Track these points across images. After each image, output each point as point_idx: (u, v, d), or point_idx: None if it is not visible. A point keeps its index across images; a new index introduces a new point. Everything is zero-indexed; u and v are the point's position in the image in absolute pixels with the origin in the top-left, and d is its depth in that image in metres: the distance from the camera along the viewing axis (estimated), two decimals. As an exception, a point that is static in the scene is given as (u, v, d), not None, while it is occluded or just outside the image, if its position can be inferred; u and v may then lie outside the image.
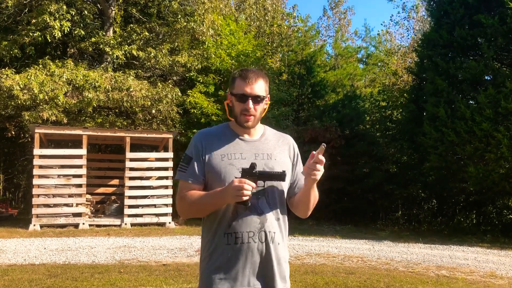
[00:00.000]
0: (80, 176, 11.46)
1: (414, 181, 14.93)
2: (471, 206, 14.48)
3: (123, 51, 13.87)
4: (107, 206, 13.12)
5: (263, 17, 20.16)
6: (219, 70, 15.32)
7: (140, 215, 11.81)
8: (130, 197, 11.77)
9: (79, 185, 11.45)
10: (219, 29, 15.35)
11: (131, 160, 12.00)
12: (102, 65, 14.40)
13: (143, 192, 11.92)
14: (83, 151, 11.62)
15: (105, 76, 13.01)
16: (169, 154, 12.14)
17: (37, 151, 11.26)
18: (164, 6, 15.16)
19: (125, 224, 11.55)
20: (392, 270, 6.91)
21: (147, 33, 14.43)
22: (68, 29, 13.05)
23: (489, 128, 10.66)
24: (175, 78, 16.17)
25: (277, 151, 2.09)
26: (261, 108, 2.04)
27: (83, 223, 11.23)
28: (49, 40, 12.94)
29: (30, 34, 12.85)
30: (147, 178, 12.07)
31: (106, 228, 11.31)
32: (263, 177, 1.91)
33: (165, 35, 15.19)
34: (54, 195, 11.24)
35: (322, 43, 23.42)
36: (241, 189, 1.81)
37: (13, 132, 14.90)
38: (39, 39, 13.00)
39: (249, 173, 1.88)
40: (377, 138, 16.58)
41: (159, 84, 14.14)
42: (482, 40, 11.86)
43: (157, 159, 12.64)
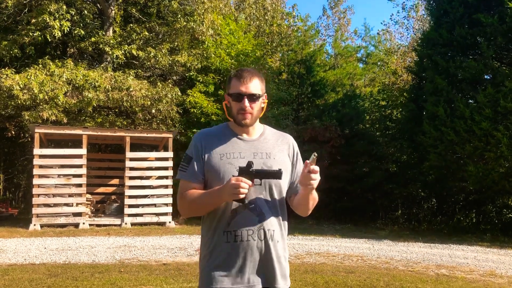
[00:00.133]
0: (80, 175, 11.47)
1: (414, 180, 14.94)
2: (470, 205, 14.49)
3: (123, 51, 13.88)
4: (107, 206, 13.13)
5: (262, 16, 20.18)
6: (219, 70, 15.33)
7: (140, 215, 11.83)
8: (130, 197, 11.79)
9: (79, 185, 11.46)
10: (219, 29, 15.36)
11: (131, 159, 12.02)
12: (102, 65, 14.41)
13: (143, 192, 11.94)
14: (83, 150, 11.63)
15: (105, 76, 13.02)
16: (169, 154, 12.15)
17: (37, 151, 11.27)
18: (163, 6, 15.17)
19: (125, 223, 11.57)
20: (392, 269, 6.92)
21: (146, 33, 14.44)
22: (68, 29, 13.06)
23: (488, 127, 10.67)
24: (175, 78, 16.18)
25: (276, 150, 2.10)
26: (258, 107, 2.06)
27: (83, 223, 11.25)
28: (49, 40, 12.95)
29: (30, 34, 12.85)
30: (147, 178, 12.08)
31: (106, 227, 11.32)
32: (260, 175, 1.94)
33: (164, 34, 15.20)
34: (54, 195, 11.25)
35: (322, 43, 23.38)
36: (237, 187, 1.84)
37: (13, 132, 14.91)
38: (39, 39, 13.01)
39: (246, 171, 1.91)
40: (376, 137, 16.59)
41: (159, 83, 14.15)
42: (481, 39, 11.85)
43: (157, 159, 12.66)
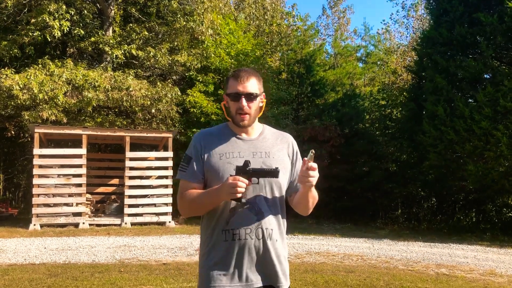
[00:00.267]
0: (80, 175, 11.48)
1: (414, 180, 14.94)
2: (470, 205, 14.50)
3: (122, 51, 13.88)
4: (107, 206, 13.13)
5: (262, 16, 20.17)
6: (218, 69, 15.33)
7: (140, 214, 11.83)
8: (130, 197, 11.79)
9: (79, 185, 11.46)
10: (219, 29, 15.37)
11: (131, 159, 12.02)
12: (102, 65, 14.41)
13: (143, 192, 11.94)
14: (83, 150, 11.63)
15: (104, 76, 13.01)
16: (169, 154, 12.15)
17: (37, 150, 11.27)
18: (163, 6, 15.16)
19: (125, 223, 11.57)
20: (392, 268, 6.92)
21: (146, 33, 14.44)
22: (68, 29, 13.05)
23: (488, 126, 10.67)
24: (174, 78, 16.18)
25: (276, 149, 2.11)
26: (256, 106, 2.06)
27: (83, 223, 11.25)
28: (49, 39, 12.95)
29: (30, 34, 12.85)
30: (147, 177, 12.09)
31: (106, 227, 11.32)
32: (257, 174, 1.94)
33: (164, 34, 15.19)
34: (54, 195, 11.26)
35: (322, 42, 23.37)
36: (235, 186, 1.85)
37: (13, 132, 14.92)
38: (39, 38, 13.01)
39: (243, 170, 1.92)
40: (376, 136, 16.58)
41: (158, 83, 14.15)
42: (481, 38, 11.84)
43: (157, 159, 12.66)
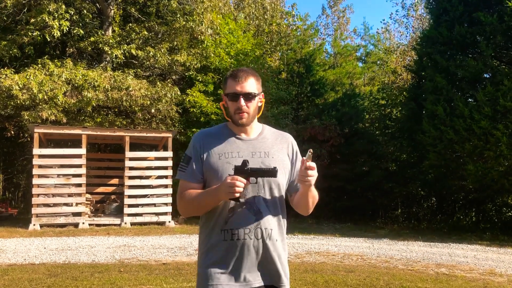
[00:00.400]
0: (79, 175, 11.47)
1: (414, 179, 14.95)
2: (470, 204, 14.51)
3: (122, 51, 13.86)
4: (107, 206, 13.13)
5: (262, 16, 20.16)
6: (218, 69, 15.32)
7: (140, 214, 11.82)
8: (129, 196, 11.79)
9: (79, 185, 11.46)
10: (218, 28, 15.36)
11: (131, 159, 12.02)
12: (101, 65, 14.40)
13: (142, 191, 11.93)
14: (82, 150, 11.62)
15: (104, 76, 13.00)
16: (169, 153, 12.15)
17: (36, 150, 11.26)
18: (163, 5, 15.14)
19: (125, 223, 11.56)
20: (392, 268, 6.93)
21: (146, 32, 14.43)
22: (67, 29, 13.04)
23: (488, 126, 10.67)
24: (174, 77, 16.18)
25: (275, 149, 2.10)
26: (254, 106, 2.06)
27: (83, 223, 11.25)
28: (48, 39, 12.93)
29: (29, 34, 12.84)
30: (147, 177, 12.08)
31: (106, 227, 11.32)
32: (255, 173, 1.94)
33: (164, 34, 15.18)
34: (53, 195, 11.25)
35: (321, 42, 23.37)
36: (233, 185, 1.85)
37: (12, 132, 14.92)
38: (38, 38, 13.00)
39: (241, 170, 1.92)
40: (376, 136, 16.59)
41: (158, 83, 14.15)
42: (481, 38, 11.85)
43: (157, 158, 12.66)
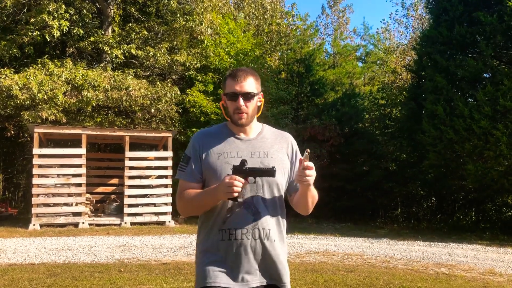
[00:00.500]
0: (79, 175, 11.47)
1: (413, 179, 14.95)
2: (470, 204, 14.51)
3: (122, 50, 13.86)
4: (107, 205, 13.14)
5: (262, 15, 20.16)
6: (218, 69, 15.32)
7: (140, 214, 11.82)
8: (129, 196, 11.79)
9: (79, 185, 11.46)
10: (218, 28, 15.36)
11: (131, 159, 12.02)
12: (101, 64, 14.40)
13: (142, 191, 11.93)
14: (82, 150, 11.62)
15: (104, 76, 13.00)
16: (169, 153, 12.15)
17: (36, 150, 11.27)
18: (162, 5, 15.14)
19: (125, 223, 11.56)
20: (392, 267, 6.93)
21: (146, 32, 14.43)
22: (67, 29, 13.03)
23: (487, 125, 10.67)
24: (174, 77, 16.17)
25: (274, 149, 2.10)
26: (253, 105, 2.06)
27: (83, 222, 11.25)
28: (48, 39, 12.93)
29: (29, 34, 12.83)
30: (147, 177, 12.08)
31: (105, 227, 11.32)
32: (253, 173, 1.94)
33: (164, 34, 15.18)
34: (53, 195, 11.25)
35: (321, 42, 23.37)
36: (231, 185, 1.85)
37: (12, 132, 14.91)
38: (38, 38, 12.99)
39: (240, 169, 1.92)
40: (376, 136, 16.59)
41: (158, 83, 14.15)
42: (480, 37, 11.85)
43: (157, 158, 12.66)
